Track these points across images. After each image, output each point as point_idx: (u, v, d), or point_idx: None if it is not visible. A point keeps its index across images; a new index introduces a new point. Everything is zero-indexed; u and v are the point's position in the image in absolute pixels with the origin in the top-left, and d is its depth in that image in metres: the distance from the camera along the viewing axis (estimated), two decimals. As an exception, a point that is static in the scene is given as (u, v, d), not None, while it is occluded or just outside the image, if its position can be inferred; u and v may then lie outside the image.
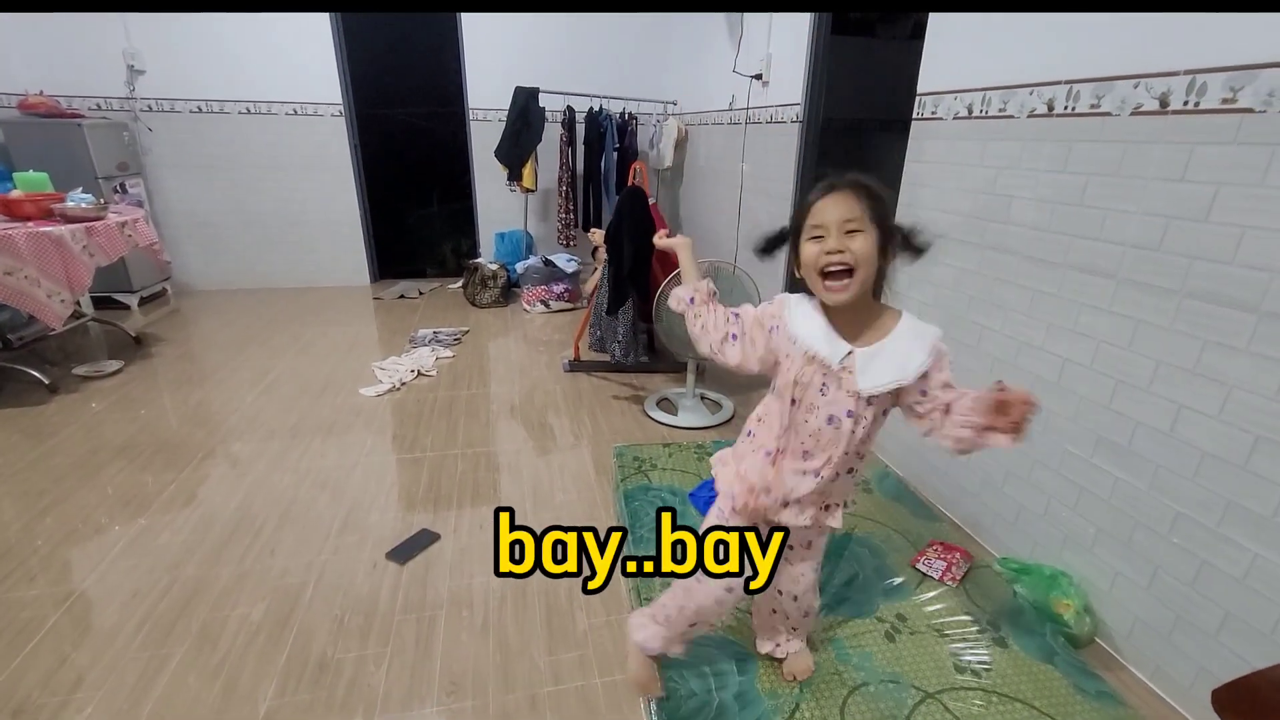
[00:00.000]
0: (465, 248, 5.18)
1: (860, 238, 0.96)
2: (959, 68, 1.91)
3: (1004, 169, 1.75)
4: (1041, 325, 1.66)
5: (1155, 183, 1.35)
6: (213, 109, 4.28)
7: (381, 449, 2.44)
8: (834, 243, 0.97)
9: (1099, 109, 1.47)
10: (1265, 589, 1.21)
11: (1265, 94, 1.15)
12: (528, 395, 2.96)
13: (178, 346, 3.53)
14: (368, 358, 3.35)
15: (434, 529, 1.94)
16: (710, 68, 3.94)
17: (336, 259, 4.84)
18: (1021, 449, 1.72)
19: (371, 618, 1.59)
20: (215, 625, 1.55)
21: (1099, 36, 1.46)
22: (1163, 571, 1.40)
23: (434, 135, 4.86)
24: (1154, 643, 1.43)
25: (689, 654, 1.29)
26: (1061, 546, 1.65)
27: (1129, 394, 1.44)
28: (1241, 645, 1.25)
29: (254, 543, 1.86)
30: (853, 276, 0.97)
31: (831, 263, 0.97)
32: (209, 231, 4.55)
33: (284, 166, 4.52)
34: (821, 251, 0.97)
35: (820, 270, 0.99)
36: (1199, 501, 1.31)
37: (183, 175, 4.38)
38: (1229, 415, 1.24)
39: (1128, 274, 1.42)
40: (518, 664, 1.46)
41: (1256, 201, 1.17)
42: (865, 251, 0.97)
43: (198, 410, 2.73)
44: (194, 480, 2.19)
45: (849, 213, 0.96)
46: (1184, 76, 1.29)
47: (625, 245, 2.76)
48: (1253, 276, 1.19)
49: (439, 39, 4.56)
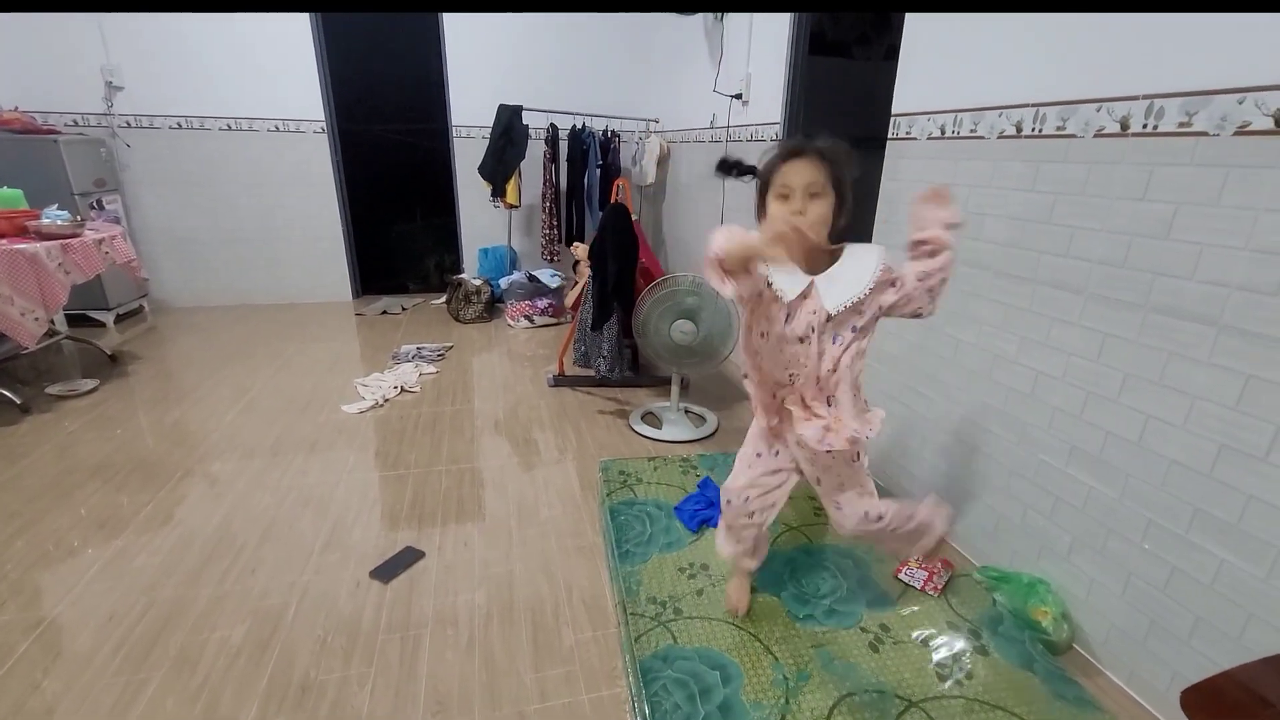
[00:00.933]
0: (448, 263, 5.17)
1: (820, 201, 1.12)
2: (931, 90, 1.98)
3: (976, 187, 1.80)
4: (1015, 338, 1.71)
5: (1119, 202, 1.41)
6: (193, 125, 4.26)
7: (364, 466, 2.42)
8: (798, 205, 1.12)
9: (1064, 131, 1.53)
10: (1232, 594, 1.25)
11: (1219, 118, 1.21)
12: (512, 410, 2.96)
13: (155, 364, 3.47)
14: (350, 374, 3.33)
15: (418, 546, 1.93)
16: (691, 87, 4.01)
17: (318, 275, 4.81)
18: (997, 459, 1.77)
19: (355, 638, 1.57)
20: (194, 648, 1.52)
21: (1063, 61, 1.52)
22: (1135, 578, 1.43)
23: (417, 151, 4.87)
24: (1129, 648, 1.46)
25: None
26: (1039, 555, 1.68)
27: (1099, 405, 1.49)
28: (1212, 649, 1.29)
29: (234, 563, 1.84)
30: (817, 237, 1.12)
31: (800, 226, 1.08)
32: (188, 248, 4.50)
33: (265, 183, 4.50)
34: (787, 211, 1.12)
35: (781, 227, 1.08)
36: (1168, 509, 1.35)
37: (161, 192, 4.34)
38: (1193, 425, 1.29)
39: (1095, 289, 1.47)
40: (504, 682, 1.46)
41: (1213, 220, 1.23)
42: (823, 213, 1.13)
43: (175, 429, 2.69)
44: (171, 500, 2.15)
45: (812, 177, 1.11)
46: (1143, 101, 1.35)
47: (609, 261, 2.78)
48: (1212, 291, 1.24)
49: (422, 56, 4.59)
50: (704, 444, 2.66)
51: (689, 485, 2.11)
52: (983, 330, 1.81)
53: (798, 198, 1.11)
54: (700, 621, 1.51)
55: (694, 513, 1.94)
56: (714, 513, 1.95)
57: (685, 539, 1.84)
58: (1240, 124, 1.18)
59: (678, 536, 1.85)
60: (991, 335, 1.78)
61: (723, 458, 2.38)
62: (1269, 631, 1.19)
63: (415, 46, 4.58)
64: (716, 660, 1.39)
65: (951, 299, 1.92)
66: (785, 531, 1.91)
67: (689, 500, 2.00)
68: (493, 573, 1.83)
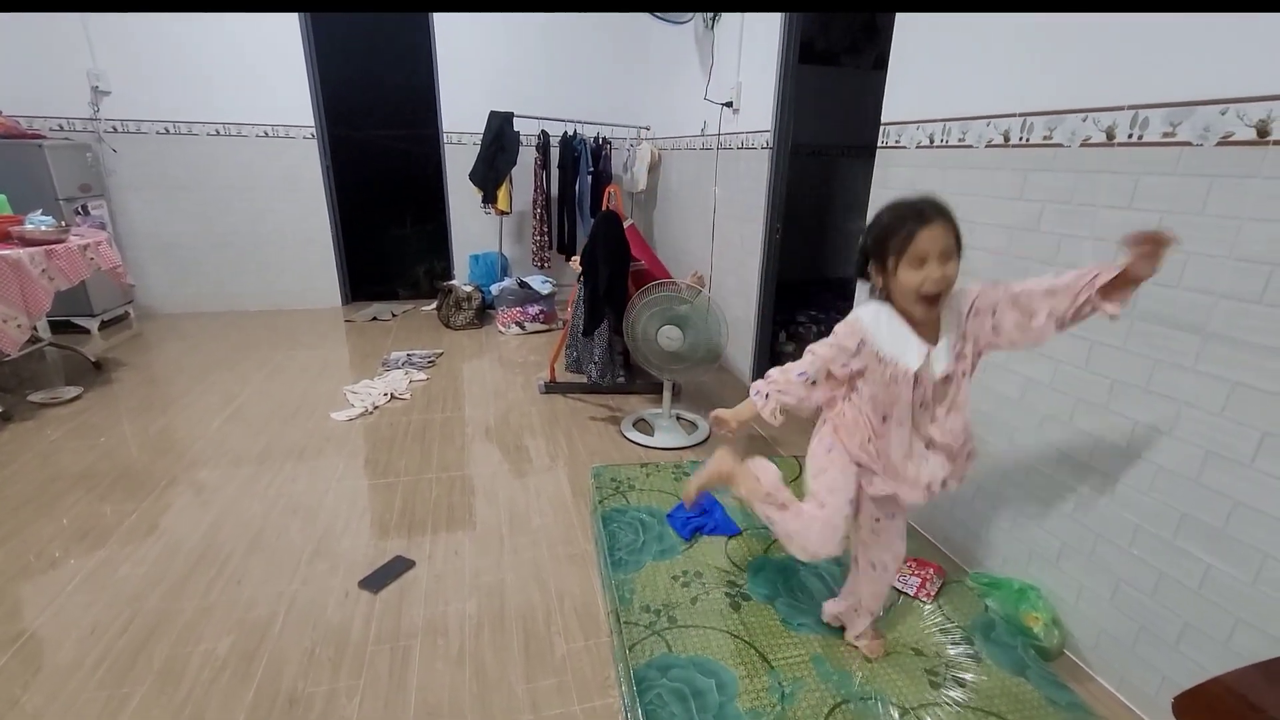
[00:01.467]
0: (439, 270, 5.15)
1: (953, 264, 1.11)
2: (920, 99, 2.00)
3: (965, 196, 1.82)
4: (1004, 345, 1.72)
5: (1105, 210, 1.43)
6: (181, 130, 4.22)
7: (354, 474, 2.39)
8: (938, 272, 1.09)
9: (1051, 140, 1.54)
10: (1219, 599, 1.26)
11: (1201, 128, 1.23)
12: (503, 417, 2.95)
13: (140, 371, 3.43)
14: (339, 381, 3.30)
15: (408, 555, 1.91)
16: (682, 94, 4.03)
17: (307, 281, 4.78)
18: (988, 465, 1.78)
19: (344, 649, 1.55)
20: (179, 661, 1.50)
21: (1050, 71, 1.54)
22: (1124, 583, 1.44)
23: (408, 158, 4.86)
24: (1119, 653, 1.47)
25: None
26: (1029, 560, 1.69)
27: (1088, 411, 1.50)
28: (1200, 654, 1.30)
29: (220, 573, 1.81)
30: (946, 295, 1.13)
31: (937, 290, 1.10)
32: (175, 254, 4.46)
33: (254, 188, 4.46)
34: (927, 278, 1.09)
35: (921, 294, 1.11)
36: (1155, 514, 1.37)
37: (148, 197, 4.30)
38: (1180, 431, 1.30)
39: (1083, 296, 1.49)
40: (495, 693, 1.44)
41: (1198, 229, 1.25)
42: (955, 275, 1.12)
43: (161, 437, 2.65)
44: (156, 509, 2.12)
45: (945, 242, 1.09)
46: (1128, 111, 1.37)
47: (601, 268, 2.79)
48: (1197, 299, 1.26)
49: (413, 61, 4.58)
50: (696, 450, 2.65)
51: (681, 492, 2.10)
52: (972, 337, 1.82)
53: (934, 264, 1.09)
54: (695, 630, 1.50)
55: (686, 520, 1.93)
56: (707, 520, 1.95)
57: (678, 546, 1.84)
58: (1223, 134, 1.20)
59: (671, 544, 1.84)
60: (981, 342, 1.79)
61: (715, 464, 2.38)
62: (1256, 636, 1.20)
63: (406, 52, 4.57)
64: (711, 669, 1.39)
65: (941, 306, 1.93)
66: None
67: (681, 507, 1.99)
68: (484, 582, 1.81)
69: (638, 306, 2.55)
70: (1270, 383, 1.15)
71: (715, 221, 3.64)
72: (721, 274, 3.61)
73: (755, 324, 3.27)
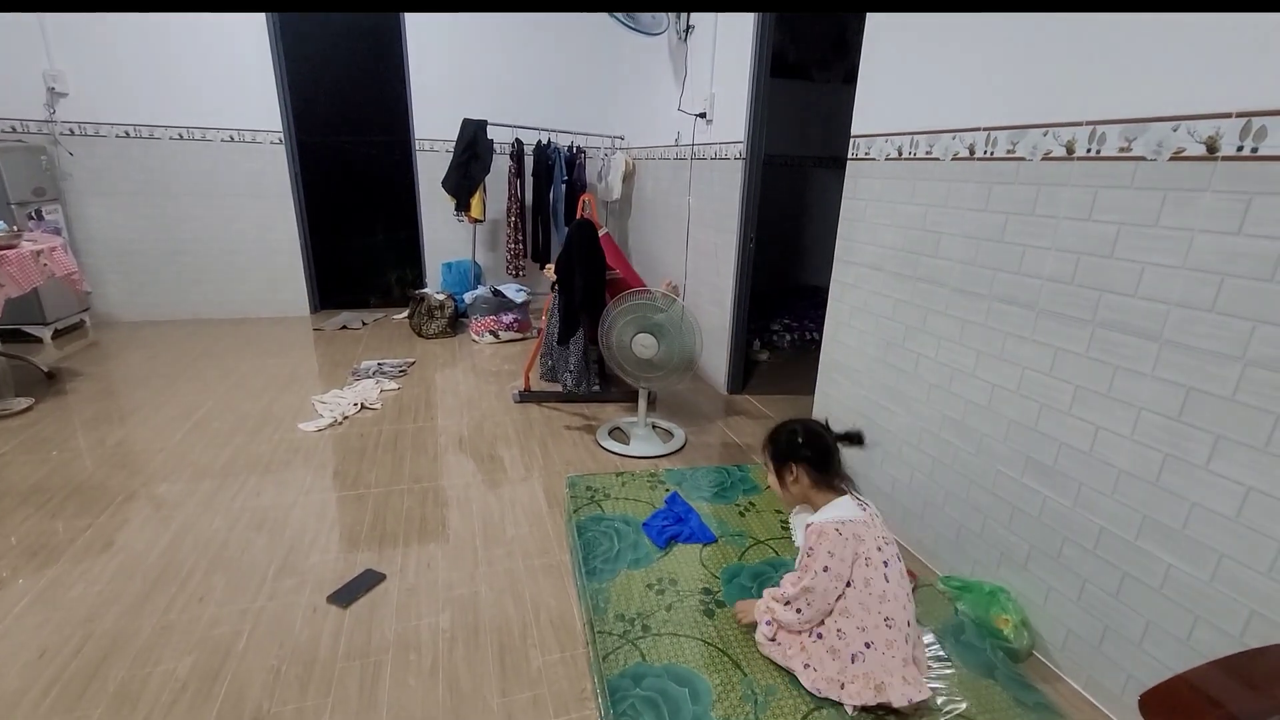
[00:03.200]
0: (411, 277, 5.09)
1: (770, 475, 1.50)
2: (888, 112, 2.04)
3: (932, 207, 1.87)
4: (971, 353, 1.76)
5: (1066, 222, 1.47)
6: (142, 134, 4.11)
7: (322, 486, 2.34)
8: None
9: (1014, 154, 1.59)
10: (1180, 598, 1.30)
11: (1155, 144, 1.28)
12: (477, 427, 2.91)
13: (97, 382, 3.31)
14: (307, 391, 3.23)
15: (379, 569, 1.87)
16: (657, 105, 4.07)
17: (274, 289, 4.67)
18: (957, 470, 1.81)
19: (311, 666, 1.51)
20: (135, 683, 1.44)
21: (1013, 86, 1.59)
22: (1090, 584, 1.48)
23: (379, 164, 4.80)
24: (1086, 653, 1.50)
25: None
26: (999, 564, 1.73)
27: (1052, 416, 1.54)
28: (1162, 651, 1.34)
29: (180, 591, 1.75)
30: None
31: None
32: (134, 260, 4.33)
33: (218, 194, 4.36)
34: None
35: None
36: (1118, 517, 1.40)
37: (107, 202, 4.17)
38: (1140, 435, 1.35)
39: (1046, 305, 1.53)
40: (469, 707, 1.41)
41: (1153, 240, 1.30)
42: (774, 483, 1.51)
43: (118, 450, 2.55)
44: (112, 526, 2.04)
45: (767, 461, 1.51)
46: (1086, 126, 1.42)
47: (576, 276, 2.78)
48: (1153, 308, 1.30)
49: (384, 67, 4.54)
50: (672, 459, 2.65)
51: (657, 500, 2.09)
52: (942, 345, 1.86)
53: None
54: (669, 638, 1.49)
55: (662, 528, 1.92)
56: (682, 528, 1.94)
57: (653, 554, 1.83)
58: (1175, 149, 1.25)
59: (645, 552, 1.83)
60: (950, 350, 1.83)
61: (690, 472, 2.38)
62: (1213, 632, 1.24)
63: (377, 58, 4.53)
64: (685, 677, 1.38)
65: (911, 315, 1.97)
66: (753, 545, 1.91)
67: (657, 516, 1.98)
68: (457, 594, 1.78)
69: (613, 314, 2.55)
70: (1221, 388, 1.20)
71: (690, 231, 3.67)
72: (696, 283, 3.63)
73: (730, 332, 3.29)
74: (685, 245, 3.72)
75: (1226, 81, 1.17)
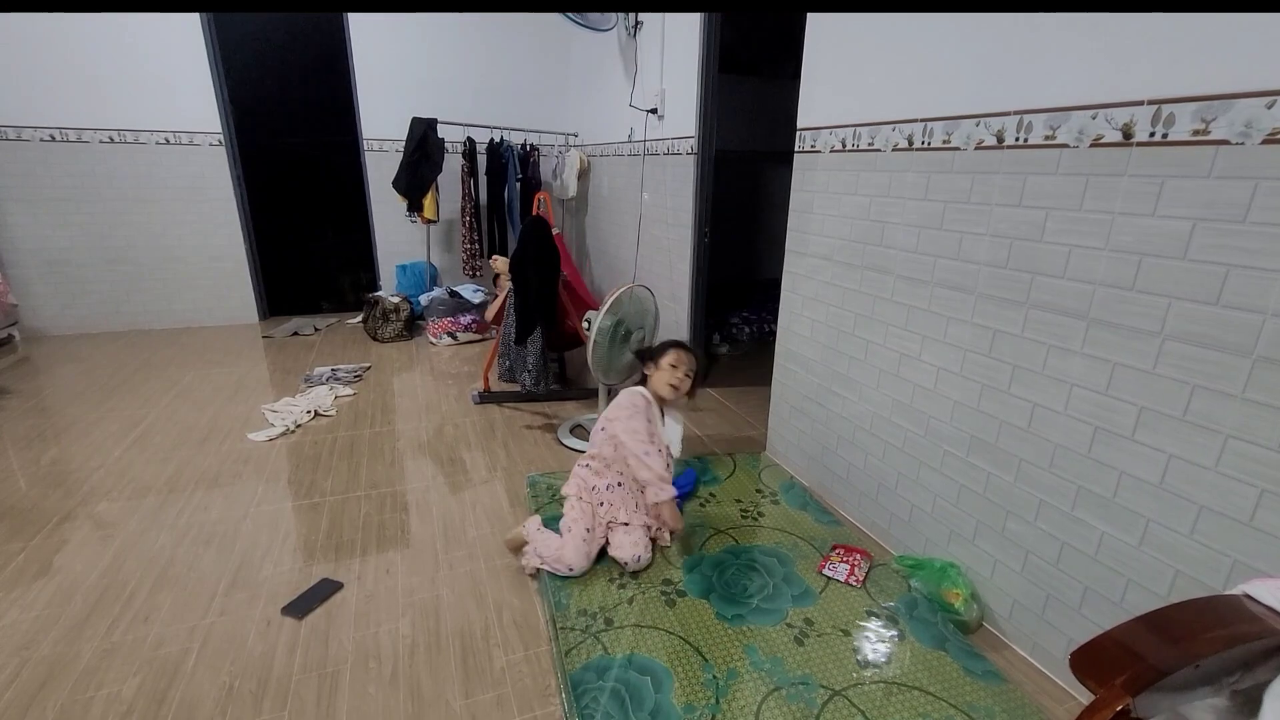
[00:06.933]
0: (365, 281, 4.97)
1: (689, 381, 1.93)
2: (832, 105, 2.09)
3: (876, 197, 1.92)
4: (917, 338, 1.82)
5: (999, 208, 1.53)
6: (69, 137, 3.91)
7: (274, 497, 2.27)
8: (683, 377, 1.92)
9: (950, 144, 1.65)
10: (1112, 563, 1.37)
11: (1076, 132, 1.34)
12: (437, 430, 2.87)
13: (27, 399, 3.14)
14: (257, 400, 3.13)
15: (336, 577, 1.83)
16: (608, 101, 4.06)
17: (219, 296, 4.51)
18: (908, 452, 1.87)
19: (266, 681, 1.47)
20: (76, 709, 1.38)
21: (947, 78, 1.65)
22: (1032, 555, 1.55)
23: (326, 166, 4.67)
24: (1030, 621, 1.57)
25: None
26: (949, 540, 1.79)
27: (993, 396, 1.60)
28: (1098, 614, 1.41)
29: (124, 612, 1.68)
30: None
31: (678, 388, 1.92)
32: (65, 270, 4.11)
33: (155, 199, 4.18)
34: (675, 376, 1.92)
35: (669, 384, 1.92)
36: (1055, 489, 1.47)
37: (32, 210, 3.95)
38: (1072, 410, 1.41)
39: (984, 289, 1.59)
40: (432, 712, 1.40)
41: (1078, 224, 1.36)
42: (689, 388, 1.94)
43: (53, 469, 2.43)
44: (48, 548, 1.94)
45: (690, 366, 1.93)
46: (1014, 116, 1.48)
47: (531, 275, 2.76)
48: (1080, 288, 1.37)
49: (328, 66, 4.42)
50: (633, 454, 2.66)
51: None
52: (889, 331, 1.92)
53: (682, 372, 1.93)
54: (631, 630, 1.51)
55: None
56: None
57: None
58: (1095, 137, 1.31)
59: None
60: (897, 335, 1.89)
61: (652, 466, 2.39)
62: (1143, 594, 1.31)
63: (320, 56, 4.40)
64: (647, 666, 1.39)
65: (860, 303, 2.02)
66: (713, 535, 1.94)
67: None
68: (417, 599, 1.76)
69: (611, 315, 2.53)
70: (1143, 362, 1.27)
71: (645, 227, 3.68)
72: (654, 278, 3.64)
73: (689, 327, 3.32)
74: (641, 241, 3.73)
75: (1139, 70, 1.23)
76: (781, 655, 1.45)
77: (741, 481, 2.32)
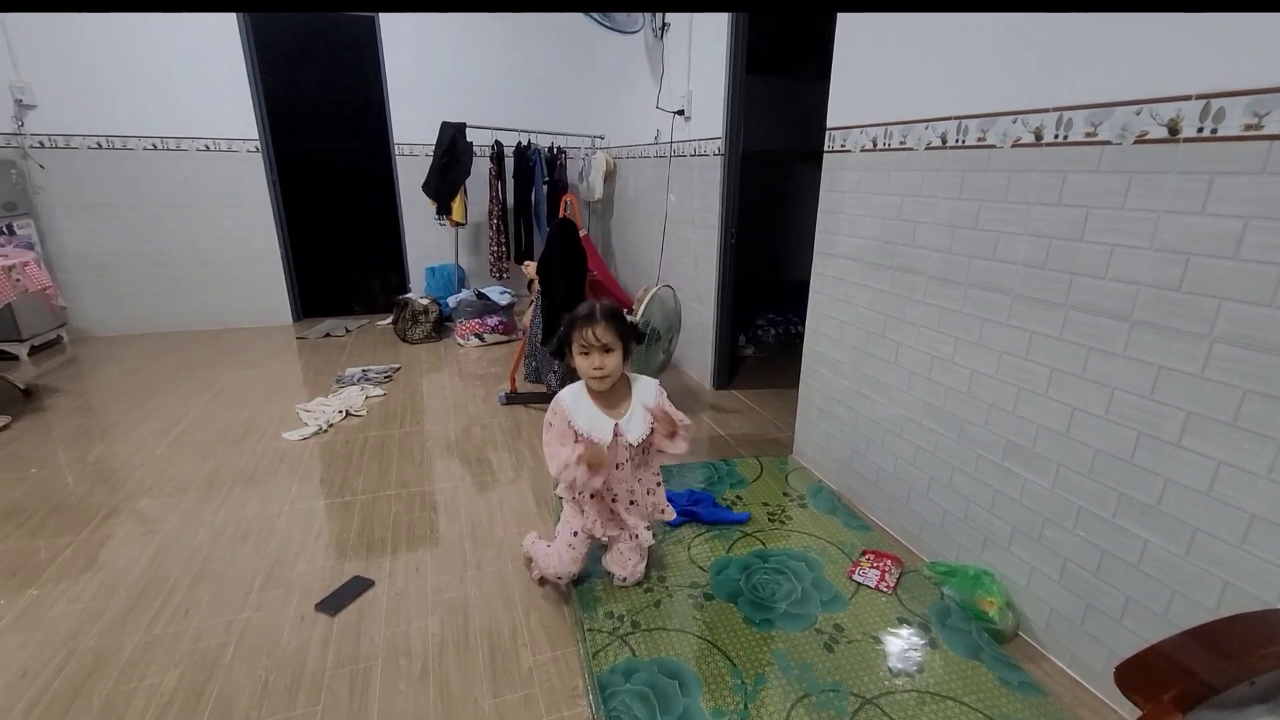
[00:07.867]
0: (394, 283, 5.06)
1: (613, 355, 1.54)
2: (862, 104, 2.06)
3: (908, 196, 1.88)
4: (950, 340, 1.78)
5: (1036, 207, 1.49)
6: (115, 145, 4.06)
7: (308, 495, 2.32)
8: (599, 360, 1.54)
9: (985, 142, 1.61)
10: (1156, 573, 1.32)
11: (1119, 128, 1.30)
12: (464, 431, 2.90)
13: (75, 398, 3.26)
14: (291, 400, 3.20)
15: (367, 575, 1.86)
16: (635, 103, 4.07)
17: (254, 298, 4.63)
18: (940, 456, 1.83)
19: (300, 676, 1.50)
20: (120, 700, 1.42)
21: (983, 75, 1.61)
22: (1071, 563, 1.50)
23: (358, 170, 4.76)
24: (1069, 631, 1.53)
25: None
26: (982, 547, 1.75)
27: (1030, 399, 1.56)
28: (1141, 626, 1.36)
29: (165, 606, 1.73)
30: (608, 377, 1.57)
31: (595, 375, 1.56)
32: (110, 274, 4.26)
33: (194, 204, 4.31)
34: (590, 365, 1.55)
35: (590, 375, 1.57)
36: (1095, 496, 1.43)
37: (80, 215, 4.10)
38: (1114, 414, 1.37)
39: (1020, 290, 1.55)
40: (460, 710, 1.41)
41: (1120, 223, 1.32)
42: (615, 364, 1.56)
43: (98, 466, 2.52)
44: (94, 542, 2.01)
45: (605, 337, 1.52)
46: (1053, 113, 1.44)
47: (558, 276, 2.78)
48: (1123, 289, 1.32)
49: (360, 72, 4.51)
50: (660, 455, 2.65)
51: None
52: (921, 333, 1.88)
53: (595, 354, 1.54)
54: (658, 633, 1.50)
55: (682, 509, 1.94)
56: (701, 510, 1.98)
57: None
58: (1139, 133, 1.27)
59: (635, 549, 1.84)
60: (929, 337, 1.85)
61: (677, 467, 2.39)
62: (1190, 605, 1.27)
63: (353, 62, 4.49)
64: (675, 670, 1.39)
65: (891, 304, 1.99)
66: (741, 538, 1.93)
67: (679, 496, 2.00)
68: (446, 598, 1.78)
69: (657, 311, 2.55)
70: (1190, 365, 1.22)
71: (671, 228, 3.67)
72: (680, 280, 3.64)
73: (714, 328, 3.30)
74: (666, 243, 3.73)
75: (1186, 65, 1.19)
76: (811, 661, 1.43)
77: (768, 484, 2.30)
